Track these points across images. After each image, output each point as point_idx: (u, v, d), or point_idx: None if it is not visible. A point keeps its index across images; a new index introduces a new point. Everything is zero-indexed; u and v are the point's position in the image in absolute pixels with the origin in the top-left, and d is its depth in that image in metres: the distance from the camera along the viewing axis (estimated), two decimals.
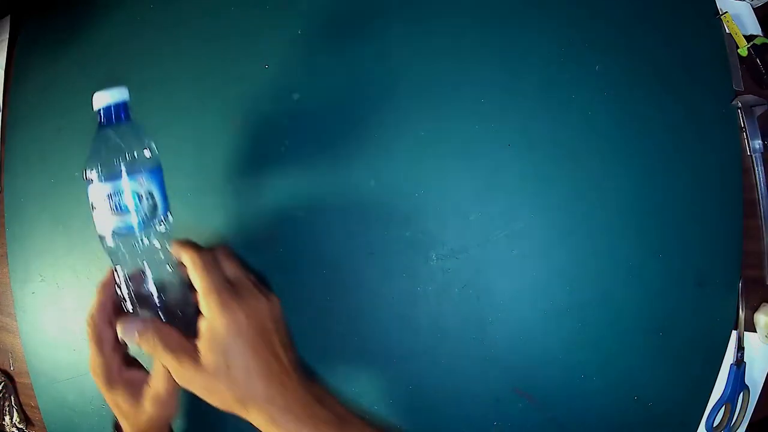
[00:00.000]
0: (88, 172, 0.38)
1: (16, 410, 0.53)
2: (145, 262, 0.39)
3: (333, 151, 0.50)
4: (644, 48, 0.50)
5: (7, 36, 0.56)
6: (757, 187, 0.49)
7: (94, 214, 0.38)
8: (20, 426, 0.53)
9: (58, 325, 0.52)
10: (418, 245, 0.49)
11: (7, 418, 0.53)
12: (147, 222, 0.38)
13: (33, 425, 0.53)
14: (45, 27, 0.55)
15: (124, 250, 0.39)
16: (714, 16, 0.50)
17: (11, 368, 0.54)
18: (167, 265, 0.41)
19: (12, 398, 0.53)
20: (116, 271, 0.40)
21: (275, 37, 0.52)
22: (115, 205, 0.37)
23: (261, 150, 0.51)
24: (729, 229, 0.48)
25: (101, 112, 0.38)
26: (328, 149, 0.50)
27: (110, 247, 0.39)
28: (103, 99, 0.38)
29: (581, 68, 0.50)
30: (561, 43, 0.50)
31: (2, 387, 0.53)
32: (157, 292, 0.40)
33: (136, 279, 0.40)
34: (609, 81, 0.50)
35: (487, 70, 0.50)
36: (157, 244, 0.40)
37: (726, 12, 0.50)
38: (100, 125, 0.38)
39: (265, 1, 0.52)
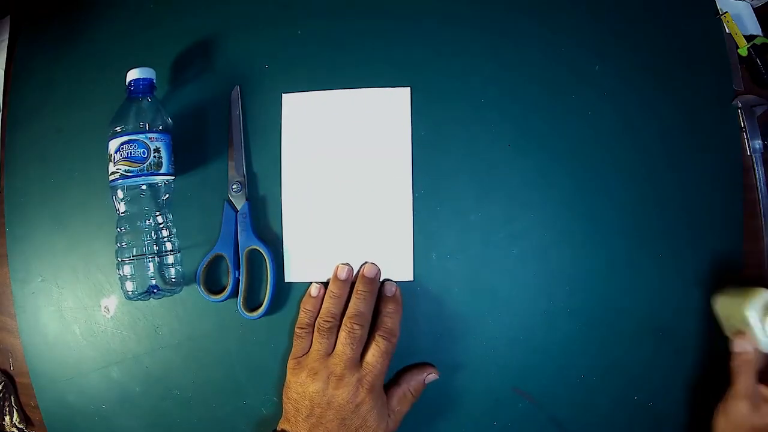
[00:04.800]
0: (112, 126, 0.46)
1: (16, 410, 0.53)
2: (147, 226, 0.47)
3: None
4: (644, 48, 0.50)
5: (7, 36, 0.56)
6: (757, 187, 0.49)
7: (110, 165, 0.46)
8: (20, 426, 0.53)
9: (58, 325, 0.52)
10: (418, 245, 0.49)
11: (7, 418, 0.53)
12: (151, 173, 0.46)
13: (33, 425, 0.53)
14: (45, 27, 0.55)
15: (131, 203, 0.46)
16: (714, 16, 0.50)
17: (11, 368, 0.54)
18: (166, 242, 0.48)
19: (12, 398, 0.53)
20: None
21: (275, 37, 0.52)
22: (128, 153, 0.45)
23: (261, 150, 0.51)
24: (729, 229, 0.48)
25: (131, 83, 0.48)
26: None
27: (120, 198, 0.46)
28: (133, 74, 0.48)
29: (581, 68, 0.50)
30: (561, 43, 0.50)
31: (2, 387, 0.53)
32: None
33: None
34: (609, 81, 0.50)
35: (487, 70, 0.50)
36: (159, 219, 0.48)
37: (726, 12, 0.50)
38: (129, 95, 0.48)
39: (265, 1, 0.52)
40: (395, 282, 0.49)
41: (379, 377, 0.44)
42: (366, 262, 0.49)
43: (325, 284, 0.49)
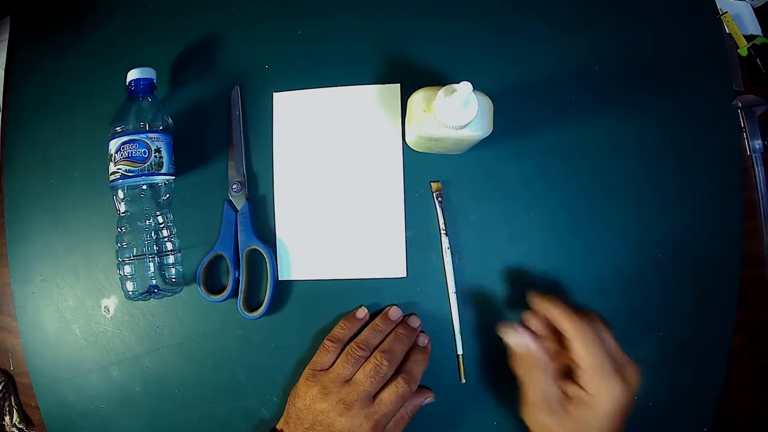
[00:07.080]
0: (112, 126, 0.46)
1: (16, 410, 0.53)
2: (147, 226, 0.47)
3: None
4: (644, 48, 0.50)
5: (7, 36, 0.56)
6: (757, 187, 0.49)
7: (111, 165, 0.46)
8: (20, 426, 0.53)
9: (58, 325, 0.52)
10: (417, 245, 0.49)
11: (7, 418, 0.53)
12: (152, 173, 0.46)
13: (33, 425, 0.53)
14: (45, 27, 0.55)
15: (131, 203, 0.47)
16: (714, 16, 0.50)
17: (11, 368, 0.54)
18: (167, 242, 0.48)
19: (12, 398, 0.53)
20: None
21: (275, 37, 0.52)
22: (129, 153, 0.45)
23: (261, 150, 0.51)
24: (729, 229, 0.48)
25: (132, 83, 0.47)
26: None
27: (121, 198, 0.47)
28: (133, 74, 0.47)
29: (581, 68, 0.50)
30: (561, 43, 0.50)
31: (2, 387, 0.53)
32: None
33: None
34: (609, 81, 0.50)
35: (487, 69, 0.50)
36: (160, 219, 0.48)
37: (726, 12, 0.50)
38: (129, 95, 0.48)
39: (265, 1, 0.52)
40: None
41: (388, 417, 0.43)
42: (412, 314, 0.49)
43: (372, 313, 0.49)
